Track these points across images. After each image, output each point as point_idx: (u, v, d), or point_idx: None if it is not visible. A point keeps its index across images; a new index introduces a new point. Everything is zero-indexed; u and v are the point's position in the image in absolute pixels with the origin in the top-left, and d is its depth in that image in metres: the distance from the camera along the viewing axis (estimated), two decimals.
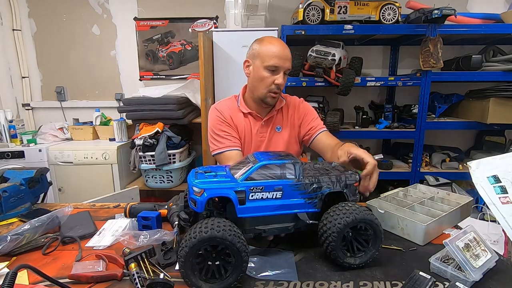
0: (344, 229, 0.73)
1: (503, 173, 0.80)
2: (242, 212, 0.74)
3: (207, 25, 2.29)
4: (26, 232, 0.82)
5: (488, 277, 0.70)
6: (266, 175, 0.76)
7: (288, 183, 0.76)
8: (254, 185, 0.74)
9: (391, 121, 2.40)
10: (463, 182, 2.47)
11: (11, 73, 2.73)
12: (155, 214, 0.93)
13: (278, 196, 0.76)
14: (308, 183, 0.78)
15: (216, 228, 0.65)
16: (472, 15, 2.27)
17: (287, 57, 1.20)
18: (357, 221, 0.73)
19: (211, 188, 0.72)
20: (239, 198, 0.73)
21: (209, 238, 0.64)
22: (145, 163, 2.29)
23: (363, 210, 0.75)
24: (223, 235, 0.64)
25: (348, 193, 0.82)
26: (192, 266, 0.66)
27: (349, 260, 0.74)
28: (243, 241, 0.67)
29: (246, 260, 0.67)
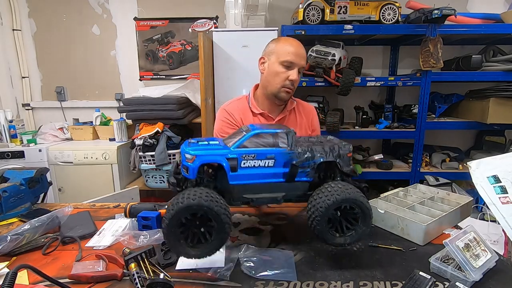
0: (327, 211, 0.71)
1: (503, 173, 0.80)
2: (234, 179, 0.74)
3: (207, 25, 2.29)
4: (26, 232, 0.82)
5: (488, 277, 0.70)
6: (258, 143, 0.76)
7: (280, 151, 0.76)
8: (246, 153, 0.74)
9: (391, 121, 2.40)
10: (463, 182, 2.47)
11: (11, 73, 2.73)
12: (155, 214, 0.92)
13: (270, 164, 0.76)
14: (301, 152, 0.77)
15: (192, 197, 0.66)
16: (472, 15, 2.27)
17: (302, 55, 1.20)
18: (338, 203, 0.71)
19: (203, 154, 0.73)
20: (231, 165, 0.74)
21: (186, 207, 0.66)
22: (145, 163, 2.29)
23: (346, 189, 0.73)
24: (199, 202, 0.66)
25: (342, 163, 0.80)
26: (176, 236, 0.68)
27: (339, 241, 0.73)
28: (221, 203, 0.68)
29: (227, 221, 0.68)
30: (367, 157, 2.42)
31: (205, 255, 0.70)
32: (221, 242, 0.70)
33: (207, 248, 0.70)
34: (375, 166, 2.42)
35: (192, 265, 0.75)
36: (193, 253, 0.69)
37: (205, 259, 0.77)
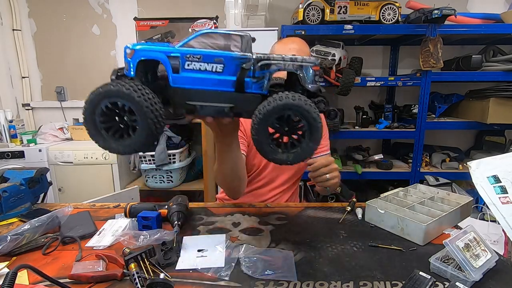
0: (265, 118, 0.63)
1: (503, 173, 0.80)
2: (176, 81, 0.67)
3: (207, 25, 2.29)
4: (26, 232, 0.82)
5: (488, 277, 0.70)
6: (207, 44, 0.67)
7: (231, 55, 0.65)
8: (191, 53, 0.65)
9: (391, 121, 2.40)
10: (463, 182, 2.47)
11: (11, 73, 2.73)
12: (155, 214, 0.93)
13: (218, 69, 0.66)
14: (255, 59, 0.66)
15: (114, 84, 0.60)
16: (472, 15, 2.27)
17: (305, 52, 1.16)
18: (278, 109, 0.62)
19: (142, 49, 0.65)
20: (173, 65, 0.65)
21: (104, 93, 0.61)
22: (145, 163, 2.29)
23: (291, 96, 0.63)
24: (119, 89, 0.60)
25: (303, 76, 0.68)
26: (95, 125, 0.65)
27: (280, 157, 0.66)
28: (147, 95, 0.61)
29: (151, 116, 0.61)
30: (367, 157, 2.42)
31: (126, 151, 0.65)
32: (146, 140, 0.63)
33: (129, 144, 0.64)
34: (375, 166, 2.42)
35: (192, 265, 0.75)
36: (113, 146, 0.65)
37: (205, 259, 0.77)
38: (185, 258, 0.78)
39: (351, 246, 0.84)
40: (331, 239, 0.87)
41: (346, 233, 0.91)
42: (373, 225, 0.96)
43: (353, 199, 1.11)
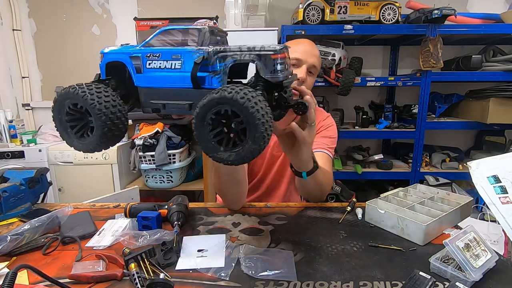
0: (202, 114, 0.59)
1: (503, 173, 0.80)
2: (139, 81, 0.69)
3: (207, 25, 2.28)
4: (26, 232, 0.82)
5: (488, 277, 0.69)
6: (166, 41, 0.67)
7: (187, 50, 0.64)
8: (151, 52, 0.66)
9: (391, 121, 2.40)
10: (463, 182, 2.47)
11: (11, 73, 2.73)
12: (155, 214, 0.93)
13: (177, 66, 0.65)
14: (211, 52, 0.63)
15: (76, 87, 0.64)
16: (472, 15, 2.27)
17: (311, 53, 1.09)
18: (213, 104, 0.58)
19: (108, 52, 0.70)
20: (135, 65, 0.68)
21: (65, 94, 0.65)
22: (145, 163, 2.29)
23: (230, 89, 0.57)
24: (75, 91, 0.63)
25: (261, 66, 0.62)
26: (63, 124, 0.69)
27: (221, 155, 0.62)
28: (101, 97, 0.63)
29: (103, 119, 0.63)
30: (367, 157, 2.42)
31: (86, 150, 0.68)
32: (100, 140, 0.65)
33: (88, 143, 0.67)
34: (375, 166, 2.42)
35: (192, 265, 0.75)
36: (75, 144, 0.69)
37: (205, 259, 0.77)
38: (185, 258, 0.78)
39: (351, 246, 0.84)
40: (331, 239, 0.87)
41: (346, 233, 0.91)
42: (373, 225, 0.96)
43: (353, 199, 1.11)
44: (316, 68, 1.12)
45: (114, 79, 0.74)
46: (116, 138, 0.69)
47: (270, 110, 0.58)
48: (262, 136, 0.57)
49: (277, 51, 0.62)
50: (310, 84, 1.12)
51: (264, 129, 0.57)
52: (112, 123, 0.65)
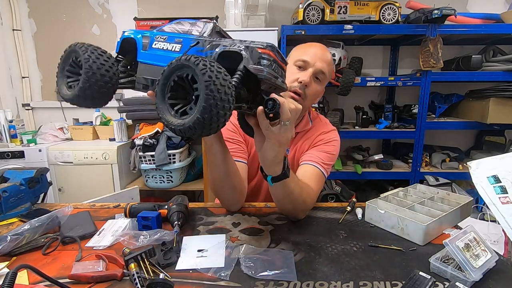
0: (167, 73, 0.60)
1: (503, 173, 0.80)
2: (141, 57, 0.75)
3: None
4: (26, 232, 0.82)
5: (488, 277, 0.70)
6: (175, 29, 0.74)
7: (188, 37, 0.71)
8: (160, 34, 0.74)
9: (391, 121, 2.40)
10: (463, 182, 2.47)
11: (11, 73, 2.73)
12: (155, 214, 0.93)
13: (176, 49, 0.71)
14: (207, 40, 0.69)
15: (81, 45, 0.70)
16: (472, 15, 2.27)
17: (322, 58, 1.01)
18: (179, 66, 0.58)
19: (127, 31, 0.79)
20: (144, 43, 0.75)
21: (70, 49, 0.73)
22: (145, 163, 2.29)
23: (198, 57, 0.57)
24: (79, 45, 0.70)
25: (246, 56, 0.64)
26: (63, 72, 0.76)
27: (169, 119, 0.61)
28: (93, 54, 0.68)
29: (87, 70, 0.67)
30: (367, 157, 2.42)
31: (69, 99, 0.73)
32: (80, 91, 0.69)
33: (72, 94, 0.71)
34: (375, 166, 2.42)
35: (192, 265, 0.75)
36: (63, 92, 0.74)
37: (205, 259, 0.77)
38: (185, 258, 0.78)
39: (351, 246, 0.84)
40: (331, 239, 0.87)
41: (346, 233, 0.91)
42: (373, 225, 0.96)
43: (353, 199, 1.11)
44: (325, 75, 1.03)
45: (127, 57, 0.81)
46: (95, 99, 0.72)
47: (230, 89, 0.56)
48: (209, 109, 0.54)
49: (264, 47, 0.65)
50: (315, 91, 1.03)
51: (214, 103, 0.54)
52: (96, 82, 0.69)
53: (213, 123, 0.56)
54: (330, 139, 1.11)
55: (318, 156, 1.05)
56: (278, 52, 0.69)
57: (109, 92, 0.72)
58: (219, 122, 0.57)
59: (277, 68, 0.69)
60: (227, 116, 0.57)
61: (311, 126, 1.14)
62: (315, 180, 1.01)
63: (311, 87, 1.02)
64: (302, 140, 1.13)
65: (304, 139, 1.13)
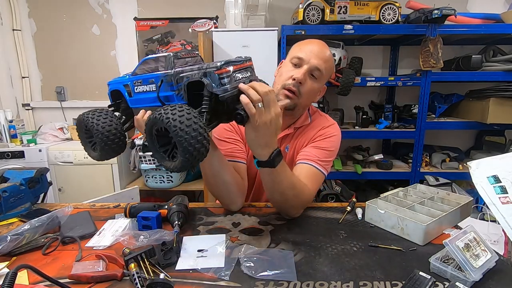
0: (148, 129, 0.69)
1: (503, 173, 0.80)
2: (132, 103, 0.85)
3: (207, 25, 2.29)
4: (26, 232, 0.82)
5: (488, 277, 0.69)
6: (145, 69, 0.81)
7: (157, 75, 0.77)
8: (136, 79, 0.82)
9: (391, 121, 2.40)
10: (463, 182, 2.48)
11: (11, 73, 2.73)
12: (155, 214, 0.93)
13: (153, 89, 0.78)
14: (172, 74, 0.75)
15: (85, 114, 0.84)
16: (472, 15, 2.27)
17: (319, 55, 0.99)
18: (151, 123, 0.68)
19: (111, 83, 0.89)
20: (127, 90, 0.84)
21: (80, 118, 0.85)
22: (145, 163, 2.29)
23: (159, 110, 0.66)
24: (81, 118, 0.84)
25: (208, 81, 0.70)
26: (83, 139, 0.90)
27: (166, 164, 0.71)
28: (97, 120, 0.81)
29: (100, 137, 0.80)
30: (367, 157, 2.42)
31: (96, 159, 0.87)
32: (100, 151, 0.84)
33: (96, 154, 0.86)
34: (375, 166, 2.42)
35: (192, 265, 0.75)
36: (92, 154, 0.89)
37: (205, 259, 0.77)
38: (185, 258, 0.78)
39: (351, 246, 0.84)
40: (331, 239, 0.87)
41: (346, 233, 0.91)
42: (373, 225, 0.96)
43: (353, 199, 1.11)
44: (321, 72, 1.00)
45: (123, 102, 0.89)
46: (114, 150, 0.85)
47: (197, 123, 0.63)
48: (186, 150, 0.63)
49: (219, 67, 0.70)
50: (310, 89, 1.01)
51: (188, 143, 0.62)
52: (107, 139, 0.81)
53: (197, 156, 0.65)
54: (329, 134, 1.08)
55: (315, 154, 1.02)
56: (231, 62, 0.73)
57: (122, 140, 0.85)
58: (202, 152, 0.65)
59: (242, 71, 0.76)
60: (205, 143, 0.65)
61: (310, 121, 1.13)
62: (311, 179, 0.98)
63: (306, 85, 1.00)
64: (301, 136, 1.12)
65: (303, 135, 1.11)
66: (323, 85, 1.07)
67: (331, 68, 1.06)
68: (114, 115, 0.84)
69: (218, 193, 1.02)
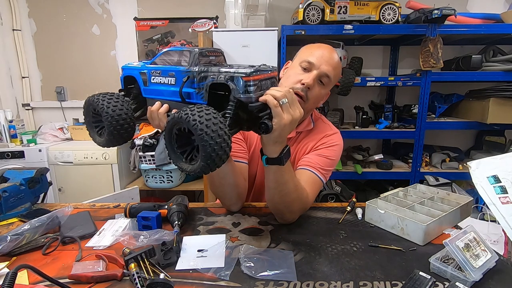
0: (169, 128, 0.68)
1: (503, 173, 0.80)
2: (146, 92, 0.83)
3: (207, 25, 2.29)
4: (26, 232, 0.82)
5: (488, 277, 0.70)
6: (166, 61, 0.78)
7: (179, 69, 0.75)
8: (154, 69, 0.79)
9: (391, 121, 2.40)
10: (463, 182, 2.48)
11: (11, 73, 2.73)
12: (155, 214, 0.93)
13: (172, 82, 0.76)
14: (196, 71, 0.72)
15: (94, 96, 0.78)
16: (472, 15, 2.27)
17: (329, 61, 0.98)
18: (175, 122, 0.66)
19: (126, 68, 0.85)
20: (143, 79, 0.81)
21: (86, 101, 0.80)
22: (145, 163, 2.29)
23: (185, 110, 0.63)
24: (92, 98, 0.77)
25: (234, 87, 0.68)
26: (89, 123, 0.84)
27: (182, 165, 0.68)
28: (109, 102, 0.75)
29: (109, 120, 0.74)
30: (367, 157, 2.42)
31: (102, 145, 0.82)
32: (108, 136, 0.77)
33: (101, 140, 0.81)
34: (375, 166, 2.42)
35: (192, 265, 0.75)
36: (96, 139, 0.83)
37: (205, 259, 0.77)
38: (185, 258, 0.78)
39: (351, 246, 0.84)
40: (331, 239, 0.87)
41: (346, 233, 0.91)
42: (373, 225, 0.96)
43: (353, 199, 1.11)
44: (330, 79, 1.00)
45: (135, 89, 0.86)
46: (123, 137, 0.79)
47: (222, 129, 0.62)
48: (209, 156, 0.61)
49: (247, 75, 0.67)
50: (317, 95, 1.01)
51: (212, 149, 0.61)
52: (117, 123, 0.75)
53: (217, 162, 0.63)
54: (332, 143, 1.08)
55: (317, 162, 1.02)
56: (260, 70, 0.71)
57: (132, 126, 0.80)
58: (222, 159, 0.63)
59: (267, 80, 0.74)
60: (227, 151, 0.64)
61: (313, 127, 1.12)
62: (310, 185, 0.98)
63: (314, 90, 0.99)
64: (304, 141, 1.11)
65: (306, 140, 1.11)
66: (328, 91, 1.07)
67: (339, 74, 1.06)
68: (126, 100, 0.78)
69: (222, 194, 1.01)
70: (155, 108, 0.80)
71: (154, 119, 0.80)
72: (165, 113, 0.79)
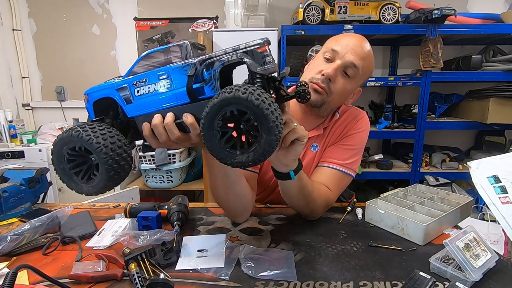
0: (208, 122, 0.58)
1: (503, 173, 0.80)
2: (132, 111, 0.66)
3: (207, 25, 2.29)
4: (26, 232, 0.82)
5: (488, 277, 0.70)
6: (149, 65, 0.65)
7: (173, 67, 0.63)
8: (137, 79, 0.65)
9: (391, 121, 2.40)
10: (463, 182, 2.48)
11: (11, 73, 2.73)
12: (155, 214, 0.93)
13: (167, 85, 0.63)
14: (196, 62, 0.62)
15: (67, 131, 0.63)
16: (472, 15, 2.27)
17: (356, 50, 0.88)
18: (217, 108, 0.56)
19: (92, 91, 0.69)
20: (124, 96, 0.66)
21: (59, 140, 0.64)
22: (145, 163, 2.29)
23: (230, 89, 0.55)
24: (69, 134, 0.62)
25: (250, 61, 0.60)
26: (66, 172, 0.67)
27: (240, 159, 0.59)
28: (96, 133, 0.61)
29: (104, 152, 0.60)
30: (367, 157, 2.42)
31: (97, 192, 0.65)
32: (107, 182, 0.63)
33: (97, 183, 0.64)
34: (375, 166, 2.42)
35: (192, 265, 0.75)
36: (85, 189, 0.66)
37: (205, 259, 0.77)
38: (185, 258, 0.78)
39: (351, 246, 0.84)
40: (331, 239, 0.87)
41: (346, 233, 0.91)
42: (373, 225, 0.96)
43: (353, 199, 1.11)
44: (357, 70, 0.89)
45: (108, 116, 0.72)
46: (122, 178, 0.67)
47: (273, 99, 0.56)
48: (275, 125, 0.55)
49: (261, 44, 0.61)
50: (342, 88, 0.90)
51: (275, 117, 0.55)
52: (118, 165, 0.63)
53: (279, 136, 0.56)
54: (358, 130, 1.02)
55: (339, 156, 0.99)
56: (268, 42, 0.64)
57: (130, 165, 0.67)
58: (281, 132, 0.57)
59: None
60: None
61: (339, 116, 1.05)
62: (332, 181, 0.97)
63: (337, 83, 0.90)
64: (332, 133, 1.05)
65: (334, 131, 1.05)
66: (358, 87, 0.97)
67: (370, 67, 0.94)
68: (114, 129, 0.65)
69: (227, 205, 0.93)
70: (157, 121, 0.65)
71: (161, 134, 0.66)
72: (173, 122, 0.65)
